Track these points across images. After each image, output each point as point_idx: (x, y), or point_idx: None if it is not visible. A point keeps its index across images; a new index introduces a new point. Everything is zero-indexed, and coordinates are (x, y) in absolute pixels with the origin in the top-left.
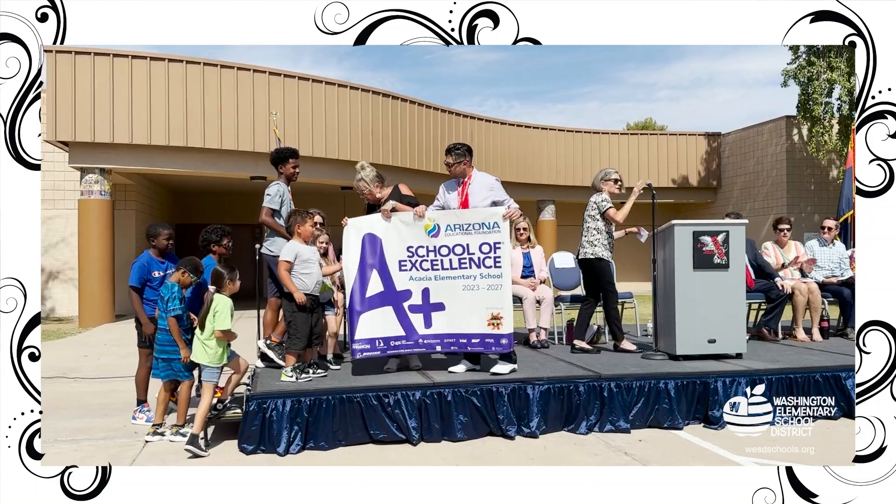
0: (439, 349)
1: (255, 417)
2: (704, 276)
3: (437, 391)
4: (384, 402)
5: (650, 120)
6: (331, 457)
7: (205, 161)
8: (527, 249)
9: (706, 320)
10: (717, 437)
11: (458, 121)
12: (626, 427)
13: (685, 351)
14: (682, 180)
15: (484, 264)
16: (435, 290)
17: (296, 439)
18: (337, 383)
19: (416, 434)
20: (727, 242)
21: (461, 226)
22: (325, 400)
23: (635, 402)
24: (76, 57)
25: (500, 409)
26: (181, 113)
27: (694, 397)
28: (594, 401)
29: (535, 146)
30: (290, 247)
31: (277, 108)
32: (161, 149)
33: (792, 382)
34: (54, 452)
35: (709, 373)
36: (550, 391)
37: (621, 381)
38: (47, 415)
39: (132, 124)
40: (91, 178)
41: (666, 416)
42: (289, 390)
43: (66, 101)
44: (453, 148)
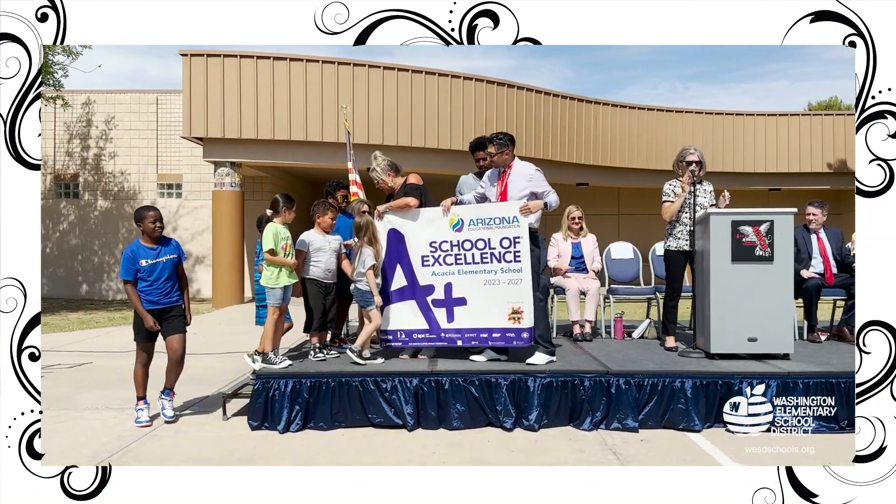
0: (460, 343)
1: (260, 396)
2: (744, 270)
3: (435, 379)
4: (381, 387)
5: (835, 99)
6: (329, 437)
7: (322, 154)
8: (577, 239)
9: (746, 317)
10: (729, 441)
11: (580, 106)
12: (633, 426)
13: (720, 349)
14: (839, 165)
15: (504, 259)
16: (457, 284)
17: (296, 419)
18: (337, 367)
19: (412, 420)
20: (771, 233)
21: (483, 220)
22: (325, 382)
23: (647, 401)
24: (208, 59)
25: (498, 400)
26: (301, 109)
27: (716, 399)
28: (600, 396)
29: (668, 131)
30: (304, 236)
31: (391, 102)
32: (283, 143)
33: (833, 387)
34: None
35: (733, 373)
36: (553, 384)
37: (632, 377)
38: (106, 383)
39: (257, 120)
40: (223, 171)
41: (681, 416)
42: (291, 371)
43: (199, 100)
44: (495, 137)
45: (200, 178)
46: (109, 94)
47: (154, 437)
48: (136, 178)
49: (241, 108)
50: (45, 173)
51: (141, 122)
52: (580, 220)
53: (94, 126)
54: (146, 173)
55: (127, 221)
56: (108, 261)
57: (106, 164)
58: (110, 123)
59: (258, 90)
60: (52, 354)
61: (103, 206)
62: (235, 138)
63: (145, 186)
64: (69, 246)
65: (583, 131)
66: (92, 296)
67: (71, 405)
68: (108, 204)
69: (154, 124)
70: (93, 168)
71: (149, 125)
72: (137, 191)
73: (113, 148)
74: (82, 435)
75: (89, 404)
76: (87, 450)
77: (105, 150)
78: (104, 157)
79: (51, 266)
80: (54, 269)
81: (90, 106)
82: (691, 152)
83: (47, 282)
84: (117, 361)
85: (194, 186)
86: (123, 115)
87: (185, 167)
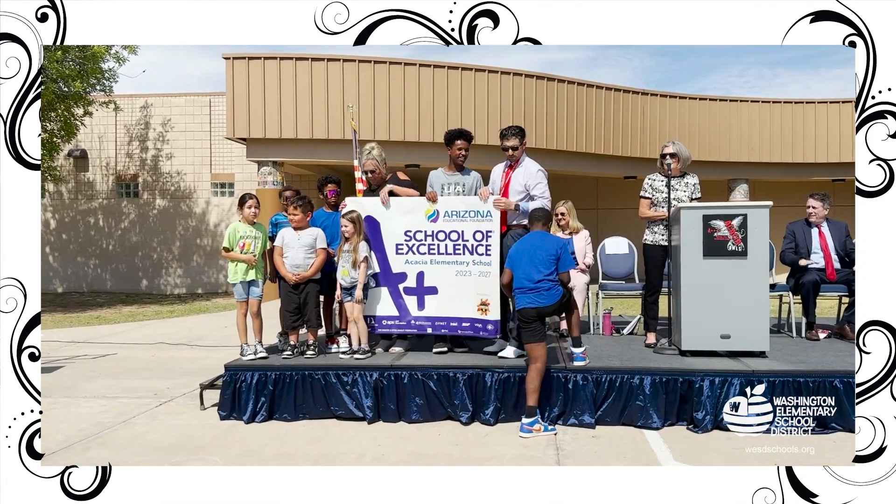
0: (430, 331)
1: (228, 388)
2: (716, 265)
3: (395, 373)
4: (343, 380)
5: None
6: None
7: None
8: (568, 235)
9: (718, 314)
10: (684, 440)
11: (627, 98)
12: (590, 422)
13: (692, 346)
14: None
15: (476, 251)
16: (429, 273)
17: (262, 410)
18: (301, 360)
19: (371, 413)
20: (744, 227)
21: (458, 212)
22: (289, 375)
23: (606, 397)
24: (249, 62)
25: (455, 394)
26: (338, 107)
27: (677, 396)
28: (557, 392)
29: (721, 120)
30: (279, 233)
31: (428, 99)
32: (322, 142)
33: (801, 386)
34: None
35: (694, 370)
36: (510, 380)
37: (589, 373)
38: (117, 373)
39: (297, 120)
40: (265, 170)
41: (640, 413)
42: (257, 364)
43: (241, 102)
44: (518, 132)
45: (251, 178)
46: (165, 97)
47: (129, 425)
48: (192, 177)
49: (280, 108)
50: (108, 174)
51: (195, 123)
52: (563, 216)
53: (152, 128)
54: (200, 173)
55: (183, 219)
56: (166, 257)
57: (163, 165)
58: (167, 125)
59: (297, 91)
60: (83, 346)
61: (161, 204)
62: (276, 138)
63: (200, 186)
64: (130, 243)
65: (629, 123)
66: (151, 290)
67: (72, 393)
68: (165, 203)
69: (207, 126)
70: (151, 168)
71: (202, 126)
72: (192, 190)
73: (169, 149)
74: (66, 421)
75: (89, 393)
76: (61, 434)
77: (162, 151)
78: (161, 157)
79: (113, 262)
80: (116, 265)
81: (148, 109)
82: (667, 145)
83: (110, 277)
84: (139, 353)
85: (245, 185)
86: (179, 117)
87: (236, 167)
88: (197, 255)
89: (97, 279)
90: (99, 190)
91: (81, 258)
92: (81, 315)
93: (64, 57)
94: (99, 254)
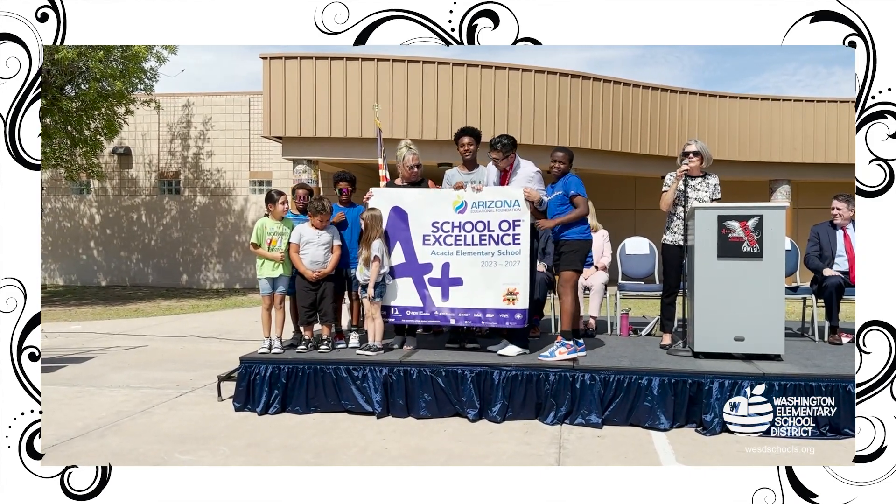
0: (453, 322)
1: (243, 380)
2: (731, 266)
3: (404, 369)
4: (353, 374)
5: None
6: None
7: (391, 149)
8: None
9: (732, 316)
10: (691, 442)
11: (664, 96)
12: (597, 422)
13: (705, 348)
14: None
15: (502, 241)
16: (455, 264)
17: (275, 402)
18: (313, 354)
19: (380, 408)
20: (760, 228)
21: (485, 203)
22: (301, 369)
23: (613, 398)
24: (286, 62)
25: (464, 391)
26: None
27: (685, 398)
28: (565, 392)
29: (763, 120)
30: (296, 228)
31: (460, 97)
32: (355, 140)
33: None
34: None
35: (703, 372)
36: (518, 378)
37: (597, 373)
38: (143, 364)
39: (331, 118)
40: (300, 168)
41: (647, 414)
42: (271, 358)
43: (278, 101)
44: (499, 142)
45: (288, 175)
46: (207, 96)
47: (146, 414)
48: (231, 175)
49: (315, 107)
50: (151, 171)
51: (234, 122)
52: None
53: (193, 127)
54: (239, 171)
55: (222, 216)
56: (206, 252)
57: (204, 163)
58: (207, 124)
59: (332, 90)
60: (118, 338)
61: (202, 201)
62: (311, 137)
63: (239, 183)
64: (171, 239)
65: (667, 122)
66: (191, 285)
67: (99, 383)
68: (205, 200)
69: (246, 124)
70: (192, 166)
71: (241, 125)
72: (232, 187)
73: (210, 147)
74: (87, 409)
75: (114, 382)
76: (80, 422)
77: (203, 149)
78: (202, 155)
79: (155, 257)
80: (158, 261)
81: (189, 108)
82: (689, 143)
83: (152, 272)
84: (170, 345)
85: (283, 183)
86: (219, 115)
87: (274, 164)
88: (235, 252)
89: (139, 273)
90: (142, 186)
91: (124, 253)
92: (121, 308)
93: (107, 57)
94: (141, 249)
